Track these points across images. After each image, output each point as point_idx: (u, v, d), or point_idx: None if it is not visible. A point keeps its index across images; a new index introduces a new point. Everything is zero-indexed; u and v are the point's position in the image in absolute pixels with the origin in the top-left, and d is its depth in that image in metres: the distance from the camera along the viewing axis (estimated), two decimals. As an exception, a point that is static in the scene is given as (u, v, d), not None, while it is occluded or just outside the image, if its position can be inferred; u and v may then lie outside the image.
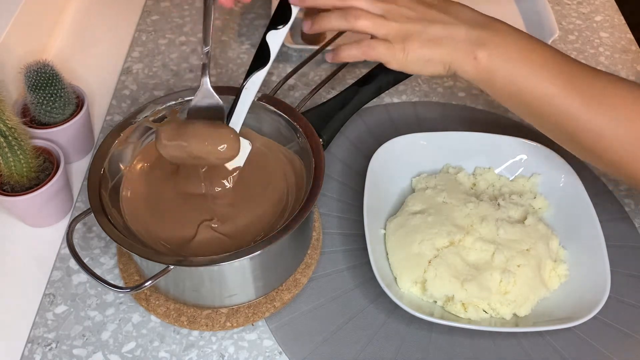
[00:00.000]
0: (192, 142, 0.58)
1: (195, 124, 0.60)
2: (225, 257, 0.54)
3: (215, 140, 0.58)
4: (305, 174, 0.62)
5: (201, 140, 0.58)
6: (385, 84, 0.71)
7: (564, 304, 0.61)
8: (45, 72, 0.66)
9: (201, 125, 0.59)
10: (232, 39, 0.94)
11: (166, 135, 0.60)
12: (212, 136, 0.58)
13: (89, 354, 0.61)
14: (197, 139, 0.58)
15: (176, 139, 0.59)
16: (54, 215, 0.70)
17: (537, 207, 0.69)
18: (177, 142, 0.59)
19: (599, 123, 0.55)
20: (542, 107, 0.57)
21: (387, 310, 0.63)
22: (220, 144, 0.58)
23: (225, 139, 0.58)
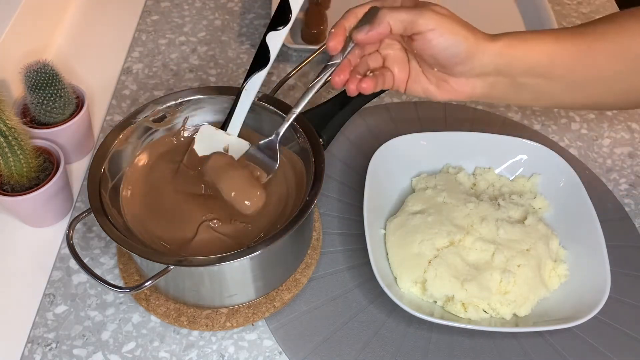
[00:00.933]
0: (224, 184, 0.60)
1: (236, 173, 0.61)
2: (225, 257, 0.54)
3: (242, 195, 0.60)
4: (305, 174, 0.62)
5: (231, 189, 0.60)
6: (385, 84, 0.71)
7: (564, 304, 0.61)
8: (45, 72, 0.66)
9: (240, 176, 0.61)
10: (232, 39, 0.94)
11: (210, 165, 0.62)
12: (242, 190, 0.60)
13: (89, 354, 0.61)
14: (228, 185, 0.60)
15: (216, 171, 0.61)
16: (54, 215, 0.70)
17: (537, 207, 0.69)
18: (215, 173, 0.61)
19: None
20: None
21: (387, 310, 0.63)
22: (245, 200, 0.60)
23: (251, 199, 0.60)
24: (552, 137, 0.81)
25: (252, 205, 0.60)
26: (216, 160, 0.62)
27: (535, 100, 0.61)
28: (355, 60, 0.58)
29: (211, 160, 0.62)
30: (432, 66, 0.57)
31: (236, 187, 0.60)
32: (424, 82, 0.59)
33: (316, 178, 0.59)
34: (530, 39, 0.56)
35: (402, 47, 0.59)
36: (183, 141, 0.67)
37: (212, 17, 0.98)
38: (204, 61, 0.90)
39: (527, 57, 0.55)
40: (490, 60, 0.55)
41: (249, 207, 0.60)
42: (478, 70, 0.56)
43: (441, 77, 0.57)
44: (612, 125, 0.83)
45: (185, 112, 0.67)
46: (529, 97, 0.59)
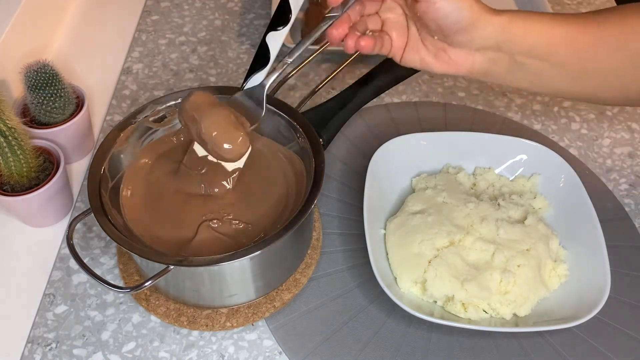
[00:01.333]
0: (205, 122, 0.57)
1: (220, 111, 0.58)
2: (225, 257, 0.54)
3: (223, 136, 0.57)
4: (305, 174, 0.62)
5: (213, 128, 0.57)
6: (385, 84, 0.71)
7: (564, 304, 0.61)
8: (45, 72, 0.66)
9: (224, 115, 0.57)
10: (232, 39, 0.94)
11: (192, 100, 0.58)
12: (225, 131, 0.57)
13: (89, 354, 0.61)
14: (210, 123, 0.57)
15: (196, 110, 0.57)
16: (54, 215, 0.70)
17: (537, 207, 0.69)
18: (195, 113, 0.57)
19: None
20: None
21: (387, 310, 0.63)
22: (226, 142, 0.57)
23: (233, 141, 0.57)
24: (552, 137, 0.81)
25: (234, 149, 0.57)
26: (198, 96, 0.59)
27: (532, 84, 0.60)
28: (355, 18, 0.56)
29: (193, 95, 0.59)
30: (433, 33, 0.55)
31: (218, 127, 0.56)
32: (422, 51, 0.57)
33: (316, 178, 0.59)
34: (532, 19, 0.55)
35: (402, 12, 0.57)
36: (183, 141, 0.67)
37: (212, 17, 0.98)
38: (204, 61, 0.90)
39: (528, 36, 0.55)
40: (491, 33, 0.54)
41: (230, 151, 0.57)
42: (478, 42, 0.55)
43: (441, 47, 0.56)
44: (612, 125, 0.83)
45: (185, 112, 0.67)
46: (526, 80, 0.59)
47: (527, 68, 0.57)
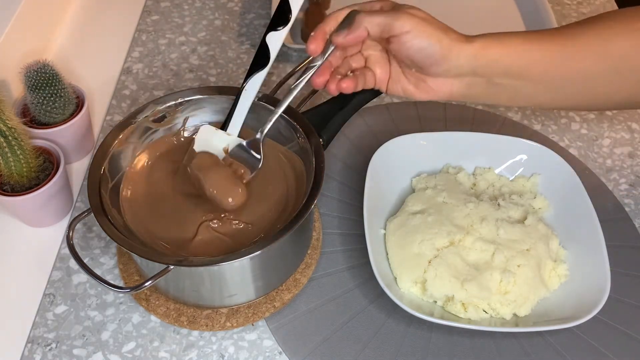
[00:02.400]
0: (207, 183, 0.60)
1: (219, 171, 0.61)
2: (225, 257, 0.54)
3: (223, 193, 0.60)
4: (305, 174, 0.62)
5: (213, 187, 0.60)
6: (385, 84, 0.71)
7: (564, 304, 0.61)
8: (45, 72, 0.66)
9: (223, 174, 0.61)
10: (232, 39, 0.94)
11: (196, 163, 0.62)
12: (224, 188, 0.60)
13: (89, 354, 0.61)
14: (212, 183, 0.60)
15: (200, 171, 0.61)
16: (54, 215, 0.70)
17: (537, 207, 0.69)
18: (200, 174, 0.61)
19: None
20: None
21: (387, 310, 0.63)
22: (226, 197, 0.60)
23: (232, 196, 0.60)
24: (552, 137, 0.81)
25: (234, 201, 0.60)
26: (201, 158, 0.63)
27: (513, 100, 0.61)
28: (337, 62, 0.61)
29: (197, 158, 0.63)
30: (409, 67, 0.59)
31: (217, 184, 0.60)
32: (403, 82, 0.61)
33: (316, 178, 0.59)
34: (506, 41, 0.57)
35: (383, 49, 0.61)
36: (183, 141, 0.67)
37: (212, 17, 0.98)
38: (204, 61, 0.90)
39: (503, 59, 0.57)
40: (465, 61, 0.56)
41: (229, 204, 0.60)
42: (454, 71, 0.57)
43: (419, 77, 0.59)
44: (612, 125, 0.83)
45: (185, 112, 0.67)
46: (507, 97, 0.60)
47: (505, 87, 0.58)
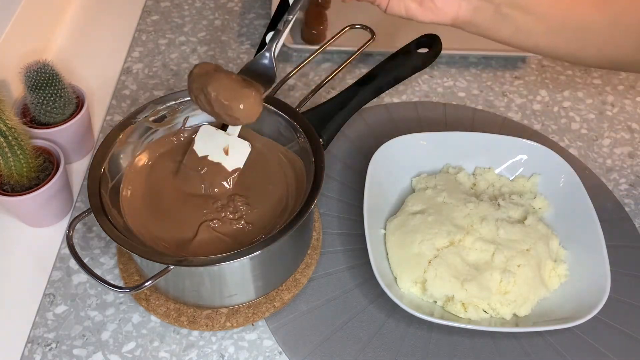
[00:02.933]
0: (212, 85, 0.54)
1: (227, 74, 0.55)
2: (225, 257, 0.54)
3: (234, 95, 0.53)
4: (305, 174, 0.62)
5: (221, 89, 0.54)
6: (385, 84, 0.71)
7: (564, 304, 0.61)
8: (45, 72, 0.66)
9: (231, 77, 0.55)
10: (232, 39, 0.94)
11: (196, 72, 0.56)
12: (234, 90, 0.54)
13: (89, 354, 0.61)
14: (218, 85, 0.54)
15: (203, 78, 0.55)
16: (54, 215, 0.70)
17: (537, 207, 0.69)
18: (203, 80, 0.55)
19: None
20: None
21: (387, 310, 0.63)
22: (237, 100, 0.53)
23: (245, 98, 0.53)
24: (552, 137, 0.81)
25: (247, 107, 0.53)
26: (202, 67, 0.56)
27: (513, 37, 0.61)
28: None
29: (196, 67, 0.56)
30: None
31: (225, 87, 0.53)
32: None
33: (316, 178, 0.59)
34: None
35: None
36: (183, 141, 0.67)
37: (212, 17, 0.98)
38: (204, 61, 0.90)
39: None
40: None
41: (240, 110, 0.54)
42: None
43: None
44: (612, 125, 0.83)
45: (185, 112, 0.67)
46: (508, 31, 0.60)
47: (510, 19, 0.58)
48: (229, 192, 0.63)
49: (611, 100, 0.87)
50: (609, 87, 0.88)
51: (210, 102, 0.55)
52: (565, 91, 0.88)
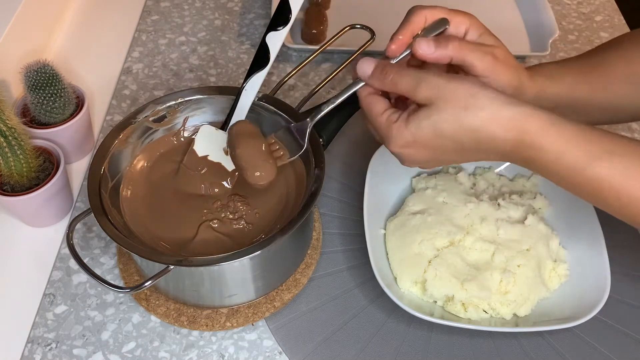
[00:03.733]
0: (239, 150, 0.60)
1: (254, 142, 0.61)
2: (225, 257, 0.54)
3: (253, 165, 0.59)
4: (305, 174, 0.62)
5: (245, 157, 0.60)
6: (385, 84, 0.71)
7: (564, 304, 0.61)
8: (45, 72, 0.66)
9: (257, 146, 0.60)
10: (232, 39, 0.94)
11: (234, 129, 0.62)
12: (254, 160, 0.60)
13: (89, 354, 0.61)
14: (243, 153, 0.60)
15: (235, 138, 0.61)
16: (54, 215, 0.70)
17: (537, 207, 0.69)
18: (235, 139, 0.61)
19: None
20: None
21: (387, 310, 0.63)
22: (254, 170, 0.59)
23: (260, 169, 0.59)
24: (552, 137, 0.81)
25: (261, 176, 0.59)
26: (240, 126, 0.62)
27: None
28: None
29: (236, 125, 0.62)
30: None
31: (249, 155, 0.59)
32: None
33: (316, 178, 0.59)
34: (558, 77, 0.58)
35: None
36: (183, 141, 0.67)
37: (212, 17, 0.98)
38: (204, 61, 0.90)
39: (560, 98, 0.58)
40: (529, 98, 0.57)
41: (255, 177, 0.59)
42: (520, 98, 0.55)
43: None
44: (612, 125, 0.83)
45: (185, 112, 0.67)
46: None
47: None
48: (229, 192, 0.63)
49: (611, 100, 0.86)
50: (609, 87, 0.88)
51: (234, 158, 0.61)
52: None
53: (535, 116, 0.49)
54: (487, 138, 0.49)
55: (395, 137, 0.52)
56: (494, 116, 0.49)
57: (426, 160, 0.54)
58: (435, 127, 0.50)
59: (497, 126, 0.49)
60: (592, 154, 0.48)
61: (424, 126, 0.50)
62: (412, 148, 0.52)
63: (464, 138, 0.50)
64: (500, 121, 0.49)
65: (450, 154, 0.52)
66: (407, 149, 0.52)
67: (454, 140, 0.50)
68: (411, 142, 0.51)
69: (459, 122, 0.49)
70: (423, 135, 0.51)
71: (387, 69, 0.53)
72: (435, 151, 0.52)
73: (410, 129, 0.51)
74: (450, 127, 0.49)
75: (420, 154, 0.53)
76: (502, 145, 0.50)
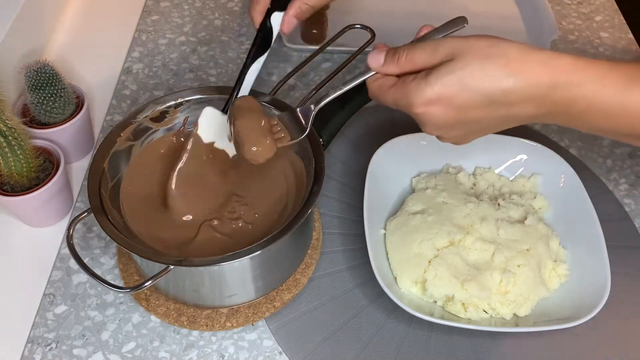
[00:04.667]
0: (238, 124, 0.58)
1: (254, 117, 0.59)
2: (225, 257, 0.54)
3: (250, 140, 0.58)
4: (305, 174, 0.62)
5: (242, 131, 0.58)
6: (385, 84, 0.71)
7: (564, 304, 0.61)
8: (45, 72, 0.66)
9: (256, 121, 0.59)
10: (232, 39, 0.94)
11: (237, 103, 0.60)
12: (252, 134, 0.58)
13: (89, 354, 0.61)
14: (242, 127, 0.58)
15: (236, 112, 0.59)
16: (54, 215, 0.70)
17: (537, 207, 0.69)
18: (235, 114, 0.59)
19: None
20: None
21: (387, 310, 0.63)
22: (251, 144, 0.58)
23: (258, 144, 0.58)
24: (552, 137, 0.81)
25: (259, 151, 0.58)
26: (243, 101, 0.61)
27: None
28: None
29: (239, 100, 0.61)
30: None
31: (247, 130, 0.58)
32: None
33: (316, 178, 0.59)
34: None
35: None
36: (183, 141, 0.67)
37: (212, 17, 0.98)
38: (204, 61, 0.90)
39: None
40: None
41: (251, 152, 0.58)
42: None
43: None
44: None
45: (185, 112, 0.67)
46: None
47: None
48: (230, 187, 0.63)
49: (611, 100, 0.86)
50: (609, 87, 0.88)
51: (233, 133, 0.59)
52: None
53: (562, 56, 0.46)
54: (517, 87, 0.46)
55: (415, 94, 0.49)
56: (522, 61, 0.46)
57: (452, 124, 0.50)
58: (460, 79, 0.47)
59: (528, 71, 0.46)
60: (630, 77, 0.46)
61: (447, 81, 0.47)
62: (436, 106, 0.48)
63: (492, 89, 0.47)
64: (529, 65, 0.46)
65: (478, 112, 0.48)
66: (431, 107, 0.49)
67: (482, 93, 0.47)
68: (434, 99, 0.48)
69: (484, 71, 0.46)
70: (447, 90, 0.47)
71: (398, 50, 0.51)
72: (461, 110, 0.48)
73: (430, 83, 0.48)
74: (477, 78, 0.46)
75: (445, 114, 0.49)
76: (535, 91, 0.46)
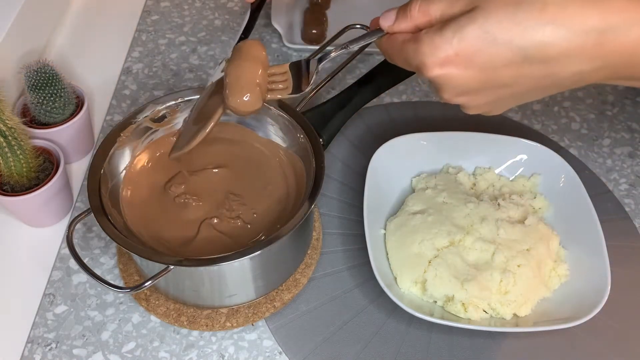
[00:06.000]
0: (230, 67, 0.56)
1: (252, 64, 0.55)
2: (225, 257, 0.54)
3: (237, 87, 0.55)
4: (305, 174, 0.62)
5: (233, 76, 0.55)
6: (385, 84, 0.71)
7: (564, 304, 0.61)
8: (45, 72, 0.66)
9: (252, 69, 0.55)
10: (232, 39, 0.94)
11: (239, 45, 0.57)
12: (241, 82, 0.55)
13: (89, 354, 0.61)
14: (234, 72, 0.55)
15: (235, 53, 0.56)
16: (54, 215, 0.70)
17: (537, 207, 0.69)
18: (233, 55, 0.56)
19: None
20: None
21: (387, 310, 0.63)
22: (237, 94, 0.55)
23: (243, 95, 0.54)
24: (552, 137, 0.81)
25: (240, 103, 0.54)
26: (247, 45, 0.57)
27: None
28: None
29: (245, 43, 0.57)
30: None
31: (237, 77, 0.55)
32: None
33: (316, 178, 0.59)
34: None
35: None
36: None
37: (212, 17, 0.98)
38: (204, 61, 0.90)
39: None
40: None
41: (233, 101, 0.54)
42: None
43: None
44: (612, 125, 0.83)
45: (185, 112, 0.67)
46: None
47: None
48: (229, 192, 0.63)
49: (611, 100, 0.86)
50: (609, 87, 0.88)
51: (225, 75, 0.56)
52: (565, 91, 0.88)
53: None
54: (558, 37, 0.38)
55: (427, 52, 0.41)
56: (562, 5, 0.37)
57: (476, 88, 0.42)
58: (484, 31, 0.39)
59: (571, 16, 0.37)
60: None
61: (467, 33, 0.39)
62: (455, 66, 0.41)
63: (524, 42, 0.38)
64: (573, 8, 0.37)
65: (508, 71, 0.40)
66: (449, 67, 0.41)
67: (512, 47, 0.39)
68: (452, 56, 0.40)
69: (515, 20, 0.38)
70: (468, 45, 0.39)
71: (410, 4, 0.44)
72: (487, 70, 0.40)
73: (446, 37, 0.40)
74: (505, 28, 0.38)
75: (466, 76, 0.41)
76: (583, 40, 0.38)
